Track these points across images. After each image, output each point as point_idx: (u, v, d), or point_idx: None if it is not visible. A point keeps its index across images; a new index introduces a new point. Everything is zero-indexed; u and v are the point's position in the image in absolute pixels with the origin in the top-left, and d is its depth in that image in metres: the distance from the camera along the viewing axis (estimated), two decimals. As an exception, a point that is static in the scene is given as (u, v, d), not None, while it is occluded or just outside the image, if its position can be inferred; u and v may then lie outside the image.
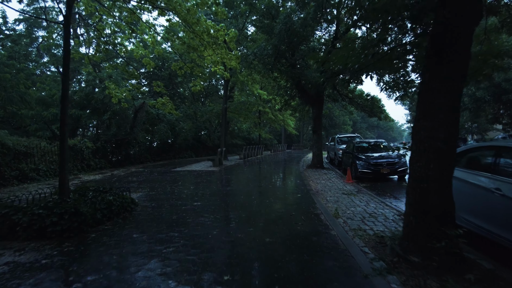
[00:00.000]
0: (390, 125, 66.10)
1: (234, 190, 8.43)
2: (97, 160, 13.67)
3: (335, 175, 11.57)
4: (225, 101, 18.86)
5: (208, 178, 10.91)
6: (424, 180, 3.45)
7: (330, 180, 10.37)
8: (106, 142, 14.24)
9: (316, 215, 5.56)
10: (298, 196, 7.36)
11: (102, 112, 14.43)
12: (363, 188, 8.77)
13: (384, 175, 10.24)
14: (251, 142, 34.91)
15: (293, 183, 9.70)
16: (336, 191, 8.11)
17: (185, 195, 7.71)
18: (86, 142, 12.79)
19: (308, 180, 10.23)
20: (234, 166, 15.83)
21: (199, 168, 14.19)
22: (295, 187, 9.02)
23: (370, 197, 7.34)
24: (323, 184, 9.42)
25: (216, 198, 7.24)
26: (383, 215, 5.61)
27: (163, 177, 11.25)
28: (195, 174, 12.16)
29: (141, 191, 8.42)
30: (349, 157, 11.95)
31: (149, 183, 10.01)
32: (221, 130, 19.38)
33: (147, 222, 5.33)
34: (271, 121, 27.03)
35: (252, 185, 9.40)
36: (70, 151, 12.17)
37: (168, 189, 8.70)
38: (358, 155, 11.07)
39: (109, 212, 5.41)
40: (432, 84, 3.47)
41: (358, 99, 17.72)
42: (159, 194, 7.86)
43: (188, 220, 5.31)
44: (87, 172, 12.75)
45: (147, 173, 12.90)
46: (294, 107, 19.11)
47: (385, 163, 10.26)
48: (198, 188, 8.84)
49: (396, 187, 9.33)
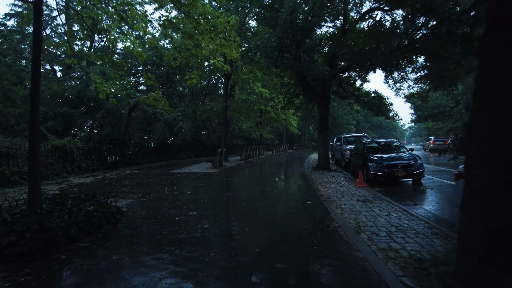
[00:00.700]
0: (393, 125, 65.17)
1: (235, 196, 7.57)
2: (89, 162, 12.82)
3: (344, 178, 10.70)
4: (225, 99, 18.01)
5: (206, 182, 10.05)
6: (491, 193, 2.59)
7: (340, 183, 9.50)
8: (99, 143, 13.39)
9: (334, 229, 4.69)
10: (308, 204, 6.49)
11: (95, 110, 13.61)
12: (378, 193, 7.92)
13: (398, 178, 9.37)
14: (252, 142, 34.06)
15: (300, 188, 8.84)
16: (349, 197, 7.25)
17: (180, 202, 6.85)
18: (76, 142, 11.95)
19: (316, 183, 9.36)
20: (235, 167, 14.97)
21: (197, 170, 13.34)
22: (303, 192, 8.15)
23: (389, 204, 6.48)
24: (333, 188, 8.55)
25: (215, 206, 6.38)
26: (411, 228, 4.74)
27: (159, 180, 10.40)
28: (193, 177, 11.31)
29: (132, 197, 7.56)
30: (359, 158, 11.08)
31: (142, 187, 9.16)
32: (221, 130, 18.53)
33: (133, 237, 4.47)
34: (273, 120, 26.17)
35: (255, 190, 8.53)
36: (59, 152, 11.34)
37: (162, 194, 7.84)
38: (369, 156, 10.20)
39: (87, 225, 4.56)
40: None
41: (364, 97, 16.86)
42: (152, 201, 7.00)
43: (182, 235, 4.45)
44: (78, 175, 11.90)
45: (142, 175, 12.05)
46: (297, 106, 18.24)
47: (400, 165, 9.38)
48: (196, 193, 7.97)
49: (414, 192, 8.46)
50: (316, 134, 59.91)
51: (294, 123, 26.41)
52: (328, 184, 9.37)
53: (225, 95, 18.33)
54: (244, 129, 35.48)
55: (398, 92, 19.01)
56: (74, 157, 11.82)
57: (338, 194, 7.73)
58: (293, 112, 25.13)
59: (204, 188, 8.78)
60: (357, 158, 11.45)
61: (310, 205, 6.41)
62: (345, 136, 16.52)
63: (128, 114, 13.76)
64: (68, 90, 12.99)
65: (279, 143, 39.54)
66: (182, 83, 26.53)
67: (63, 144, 11.37)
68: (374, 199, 7.09)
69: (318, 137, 13.35)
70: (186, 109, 18.54)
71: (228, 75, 18.17)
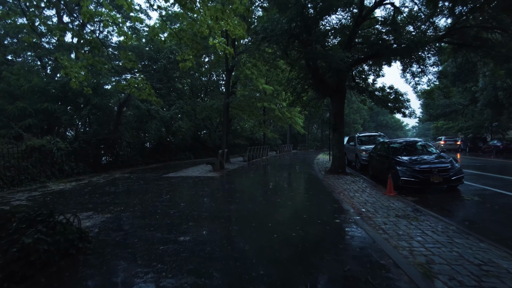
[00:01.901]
0: (399, 124, 63.59)
1: (240, 210, 6.06)
2: (74, 164, 11.35)
3: (366, 184, 9.18)
4: (227, 95, 16.50)
5: (205, 189, 8.55)
6: None
7: (364, 191, 7.98)
8: (85, 143, 11.91)
9: (388, 269, 3.17)
10: (338, 224, 4.97)
11: (82, 106, 12.14)
12: (415, 204, 6.41)
13: (433, 185, 7.84)
14: (254, 142, 32.54)
15: (320, 198, 7.32)
16: (385, 212, 5.74)
17: (170, 219, 5.35)
18: (58, 142, 10.46)
19: (336, 191, 7.84)
20: (238, 170, 13.46)
21: (196, 174, 11.83)
22: (325, 204, 6.63)
23: (440, 222, 4.98)
24: (359, 198, 7.04)
25: (215, 227, 4.87)
26: (498, 267, 3.24)
27: (149, 187, 8.90)
28: (189, 183, 9.81)
29: (112, 210, 6.07)
30: (382, 161, 9.56)
31: (129, 196, 7.66)
32: (223, 129, 17.04)
33: (93, 283, 2.98)
34: (277, 119, 24.64)
35: (264, 202, 7.01)
36: (37, 154, 9.86)
37: (150, 207, 6.34)
38: (397, 158, 8.67)
39: (24, 266, 3.07)
40: None
41: (379, 92, 15.33)
42: (135, 217, 5.50)
43: (163, 283, 2.95)
44: (59, 179, 10.43)
45: (132, 180, 10.56)
46: (305, 103, 16.69)
47: (436, 170, 7.85)
48: (191, 205, 6.47)
49: (458, 203, 6.94)
50: (319, 134, 58.41)
51: (300, 122, 24.86)
52: (351, 192, 7.84)
53: (226, 90, 16.82)
54: (247, 128, 33.95)
55: (416, 87, 17.48)
56: (54, 159, 10.34)
57: (369, 206, 6.21)
58: (299, 110, 23.60)
59: (201, 198, 7.28)
60: (379, 160, 9.93)
61: (340, 225, 4.88)
62: (359, 136, 14.98)
63: (118, 111, 12.28)
64: (51, 84, 11.50)
65: (282, 143, 37.99)
66: (182, 80, 25.06)
67: (41, 145, 9.89)
68: (416, 214, 5.60)
69: (332, 136, 11.85)
70: (184, 106, 17.04)
71: (230, 70, 16.68)
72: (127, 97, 12.17)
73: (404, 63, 14.30)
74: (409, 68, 14.61)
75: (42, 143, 9.90)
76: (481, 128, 33.56)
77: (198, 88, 27.13)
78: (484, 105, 21.51)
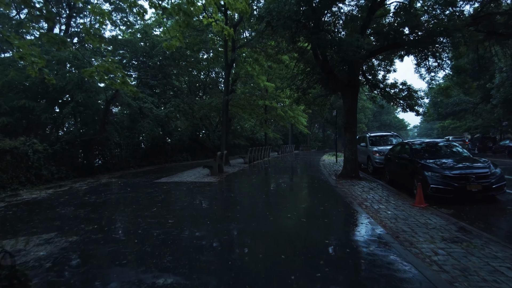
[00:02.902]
0: (403, 124, 62.32)
1: (243, 231, 4.82)
2: (55, 169, 10.11)
3: (387, 192, 7.94)
4: (226, 92, 15.24)
5: (200, 199, 7.32)
6: None
7: (388, 202, 6.74)
8: (68, 144, 10.67)
9: None
10: (372, 255, 3.73)
11: (65, 103, 10.91)
12: (457, 220, 5.18)
13: (470, 194, 6.60)
14: (255, 142, 31.31)
15: (339, 213, 6.09)
16: (424, 232, 4.53)
17: (151, 245, 4.11)
18: (34, 144, 9.22)
19: (356, 203, 6.60)
20: (238, 175, 12.22)
21: (191, 179, 10.59)
22: (348, 222, 5.40)
23: (508, 251, 3.75)
24: (386, 212, 5.80)
25: (209, 262, 3.63)
26: None
27: (135, 196, 7.66)
28: (183, 190, 8.58)
29: (80, 231, 4.83)
30: (404, 165, 8.33)
31: (108, 208, 6.43)
32: (222, 129, 15.79)
33: None
34: (279, 118, 23.38)
35: (272, 219, 5.77)
36: (9, 157, 8.63)
37: (129, 225, 5.11)
38: (424, 162, 7.44)
39: None
40: None
41: (391, 88, 14.10)
42: (105, 242, 4.26)
43: None
44: (36, 186, 9.19)
45: (118, 186, 9.32)
46: (310, 101, 15.44)
47: (474, 176, 6.62)
48: (180, 224, 5.23)
49: (508, 217, 5.70)
50: (320, 134, 57.10)
51: (303, 121, 23.61)
52: (374, 203, 6.60)
53: (226, 87, 15.56)
54: (247, 128, 32.72)
55: (431, 83, 16.24)
56: (30, 163, 9.10)
57: (402, 224, 4.97)
58: (303, 108, 22.37)
59: (194, 212, 6.04)
60: (400, 164, 8.70)
61: (377, 257, 3.64)
62: (371, 136, 13.73)
63: (105, 109, 11.04)
64: (30, 78, 10.27)
65: (283, 143, 36.73)
66: (179, 77, 23.82)
67: (14, 147, 8.65)
68: (466, 235, 4.38)
69: (345, 136, 10.62)
70: (180, 104, 15.78)
71: (230, 65, 15.43)
72: (114, 93, 10.93)
73: (420, 57, 13.11)
74: (424, 62, 13.42)
75: (14, 144, 8.67)
76: (490, 128, 32.33)
77: (196, 86, 25.90)
78: (500, 102, 20.23)
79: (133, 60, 18.94)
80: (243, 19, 15.11)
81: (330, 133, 56.84)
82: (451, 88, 14.12)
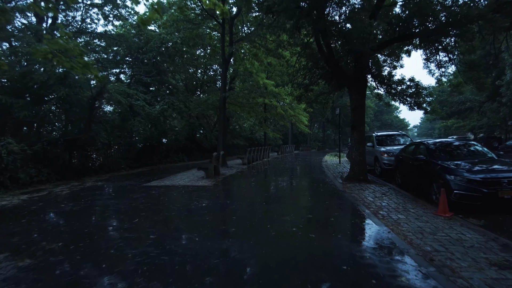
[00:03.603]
0: (404, 124, 61.62)
1: (240, 253, 3.94)
2: (34, 171, 9.21)
3: (401, 197, 7.06)
4: (223, 88, 14.34)
5: (191, 208, 6.43)
6: None
7: (407, 210, 5.87)
8: (50, 144, 9.77)
9: None
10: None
11: (46, 100, 10.00)
12: (495, 234, 4.32)
13: (503, 202, 5.74)
14: (254, 142, 30.42)
15: (352, 225, 5.21)
16: (463, 252, 3.67)
17: (118, 275, 3.21)
18: (9, 144, 8.32)
19: (370, 211, 5.73)
20: (236, 177, 11.34)
21: (184, 182, 9.70)
22: (365, 237, 4.52)
23: None
24: (408, 225, 4.91)
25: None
26: None
27: (118, 203, 6.77)
28: (173, 196, 7.69)
29: (38, 251, 3.93)
30: (419, 167, 7.47)
31: (82, 219, 5.53)
32: (219, 128, 14.90)
33: None
34: (279, 117, 22.49)
35: (275, 234, 4.87)
36: (-21, 159, 7.72)
37: (101, 243, 4.22)
38: (444, 164, 6.57)
39: None
40: None
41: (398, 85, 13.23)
42: (62, 269, 3.37)
43: None
44: (10, 191, 8.28)
45: (102, 191, 8.43)
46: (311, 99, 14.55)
47: (506, 180, 5.76)
48: (163, 241, 4.34)
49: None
50: (320, 133, 56.20)
51: (305, 120, 22.72)
52: (391, 211, 5.72)
53: (223, 83, 14.65)
54: (246, 128, 31.83)
55: (441, 79, 15.39)
56: (4, 165, 8.19)
57: (431, 240, 4.09)
58: (304, 107, 21.48)
59: (183, 224, 5.16)
60: (414, 166, 7.83)
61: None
62: (378, 135, 12.84)
63: (91, 105, 10.11)
64: (7, 72, 9.36)
65: (283, 143, 35.84)
66: (175, 75, 22.92)
67: (-16, 147, 7.75)
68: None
69: (351, 136, 9.75)
70: (175, 102, 14.86)
71: (227, 60, 14.54)
72: (100, 88, 10.00)
73: (430, 51, 12.28)
74: (434, 57, 12.59)
75: (-15, 145, 7.76)
76: (495, 127, 31.52)
77: (193, 84, 24.99)
78: (510, 100, 19.38)
79: (127, 56, 18.02)
80: (241, 12, 14.25)
81: (330, 133, 56.01)
82: (462, 84, 13.25)
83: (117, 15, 17.37)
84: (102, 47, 17.78)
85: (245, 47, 16.75)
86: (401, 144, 12.46)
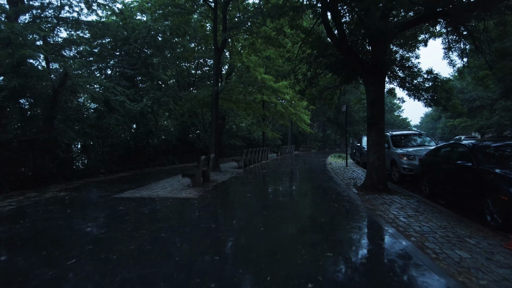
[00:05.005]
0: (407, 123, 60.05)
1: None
2: (-22, 179, 7.44)
3: (443, 216, 5.36)
4: (215, 81, 12.60)
5: (163, 233, 4.70)
6: None
7: (461, 239, 4.17)
8: (2, 146, 8.02)
9: None
10: None
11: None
12: None
13: None
14: (252, 142, 28.71)
15: (392, 269, 3.53)
16: None
17: None
18: None
19: (409, 241, 4.03)
20: (229, 185, 9.63)
21: (164, 193, 7.96)
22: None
23: None
24: (481, 272, 3.20)
25: None
26: None
27: (66, 226, 5.04)
28: (144, 215, 5.96)
29: None
30: (459, 175, 5.80)
31: (6, 254, 3.80)
32: (211, 126, 13.19)
33: None
34: (278, 115, 20.80)
35: (279, 281, 3.17)
36: None
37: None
38: (505, 173, 4.88)
39: None
40: None
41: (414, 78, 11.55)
42: None
43: None
44: None
45: (58, 205, 6.68)
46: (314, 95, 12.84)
47: None
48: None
49: None
50: (320, 133, 54.43)
51: (306, 119, 21.03)
52: (441, 243, 4.00)
53: (215, 75, 12.89)
54: (243, 127, 30.11)
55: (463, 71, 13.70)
56: None
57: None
58: (306, 105, 19.81)
59: (144, 267, 3.42)
60: (452, 174, 6.16)
61: None
62: (394, 135, 11.17)
63: (52, 98, 8.36)
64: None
65: (282, 143, 34.12)
66: (166, 71, 21.14)
67: None
68: None
69: (368, 135, 8.06)
70: (161, 97, 13.10)
71: (220, 49, 12.79)
72: (63, 77, 8.25)
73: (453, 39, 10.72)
74: (458, 45, 10.98)
75: None
76: (506, 127, 29.98)
77: (186, 80, 23.24)
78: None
79: (115, 51, 16.19)
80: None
81: (330, 133, 54.37)
82: (490, 76, 11.63)
83: (101, 3, 15.58)
84: (86, 39, 15.98)
85: (241, 37, 15.05)
86: (420, 145, 10.82)
